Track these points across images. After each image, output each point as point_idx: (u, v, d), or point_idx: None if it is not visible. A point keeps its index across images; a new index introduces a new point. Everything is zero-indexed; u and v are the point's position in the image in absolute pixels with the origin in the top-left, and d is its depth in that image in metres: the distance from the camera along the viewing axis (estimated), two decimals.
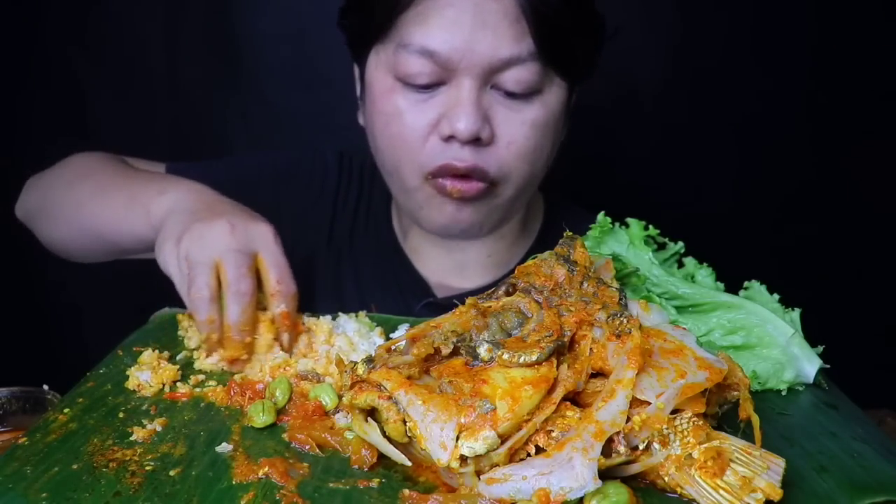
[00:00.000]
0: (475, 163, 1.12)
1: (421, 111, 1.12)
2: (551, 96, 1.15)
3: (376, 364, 0.71)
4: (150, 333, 1.00)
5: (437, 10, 1.08)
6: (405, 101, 1.13)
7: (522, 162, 1.15)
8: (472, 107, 1.09)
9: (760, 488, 0.62)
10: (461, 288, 1.31)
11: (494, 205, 1.19)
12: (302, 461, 0.71)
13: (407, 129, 1.13)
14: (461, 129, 1.08)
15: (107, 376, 0.87)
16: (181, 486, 0.66)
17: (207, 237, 0.92)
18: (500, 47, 1.07)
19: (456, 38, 1.07)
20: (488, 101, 1.11)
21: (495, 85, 1.11)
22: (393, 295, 1.32)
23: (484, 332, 0.72)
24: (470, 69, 1.08)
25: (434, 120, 1.12)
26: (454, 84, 1.10)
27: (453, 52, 1.07)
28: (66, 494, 0.64)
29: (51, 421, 0.76)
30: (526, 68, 1.09)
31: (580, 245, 0.83)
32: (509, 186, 1.17)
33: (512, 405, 0.65)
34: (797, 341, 0.89)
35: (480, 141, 1.11)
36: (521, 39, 1.08)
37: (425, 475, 0.68)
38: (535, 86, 1.11)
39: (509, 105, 1.12)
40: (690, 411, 0.68)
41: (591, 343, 0.71)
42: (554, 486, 0.62)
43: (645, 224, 0.98)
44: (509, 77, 1.09)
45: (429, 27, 1.08)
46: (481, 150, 1.12)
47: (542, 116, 1.14)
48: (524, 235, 1.35)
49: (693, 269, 0.98)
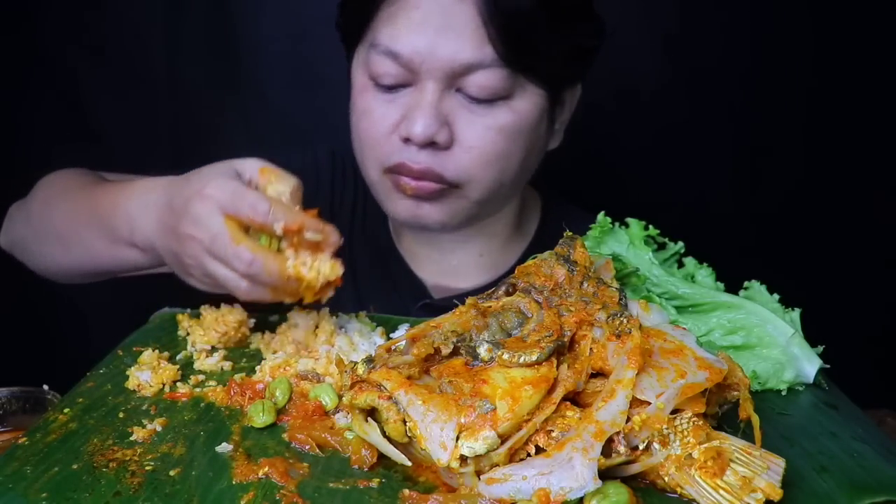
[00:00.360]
0: (429, 165, 1.12)
1: (386, 110, 1.13)
2: (523, 102, 1.13)
3: (376, 364, 0.71)
4: (150, 333, 1.00)
5: (404, 11, 1.08)
6: (374, 100, 1.14)
7: (485, 167, 1.14)
8: (429, 110, 1.09)
9: (760, 488, 0.62)
10: (457, 288, 1.31)
11: (459, 206, 1.18)
12: (302, 461, 0.70)
13: (372, 127, 1.15)
14: (416, 132, 1.09)
15: (107, 376, 0.87)
16: (181, 486, 0.66)
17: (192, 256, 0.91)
18: (461, 51, 1.07)
19: (419, 41, 1.07)
20: (451, 104, 1.11)
21: (460, 88, 1.10)
22: (390, 296, 1.32)
23: (484, 332, 0.72)
24: (432, 72, 1.08)
25: (397, 120, 1.12)
26: (418, 86, 1.10)
27: (415, 54, 1.07)
28: (66, 494, 0.64)
29: (51, 421, 0.76)
30: (489, 74, 1.08)
31: (580, 245, 0.83)
32: (474, 189, 1.16)
33: (512, 405, 0.65)
34: (797, 341, 0.89)
35: (437, 144, 1.11)
36: (484, 45, 1.06)
37: (425, 475, 0.68)
38: (500, 92, 1.10)
39: (473, 109, 1.11)
40: (690, 411, 0.68)
41: (591, 343, 0.71)
42: (554, 486, 0.62)
43: (645, 224, 0.98)
44: (472, 82, 1.09)
45: (395, 28, 1.09)
46: (438, 153, 1.12)
47: (509, 122, 1.12)
48: (519, 235, 1.35)
49: (693, 269, 0.98)
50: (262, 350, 0.94)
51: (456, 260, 1.32)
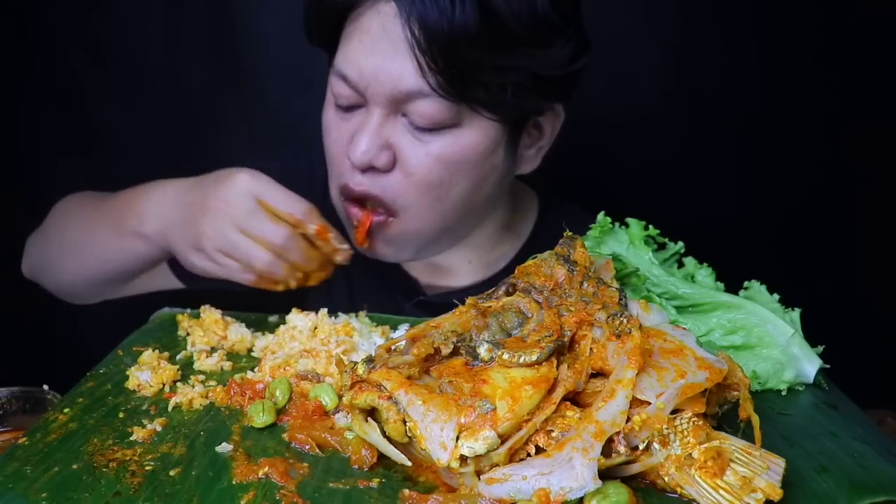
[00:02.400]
0: (368, 189, 1.12)
1: (341, 129, 1.15)
2: (470, 132, 1.10)
3: (376, 364, 0.71)
4: (150, 333, 1.00)
5: (357, 34, 1.08)
6: (333, 118, 1.16)
7: (424, 195, 1.12)
8: (370, 135, 1.09)
9: (760, 488, 0.62)
10: (450, 287, 1.32)
11: (405, 239, 1.18)
12: (302, 461, 0.71)
13: (332, 144, 1.17)
14: (356, 155, 1.09)
15: (107, 376, 0.87)
16: (181, 486, 0.66)
17: (216, 227, 1.00)
18: (403, 79, 1.05)
19: (366, 65, 1.07)
20: (395, 128, 1.10)
21: (406, 113, 1.09)
22: (383, 294, 1.33)
23: (484, 332, 0.72)
24: (376, 97, 1.08)
25: (348, 139, 1.13)
26: (368, 108, 1.10)
27: (360, 78, 1.08)
28: (66, 494, 0.64)
29: (51, 421, 0.76)
30: (430, 103, 1.06)
31: (580, 245, 0.83)
32: (413, 218, 1.15)
33: (512, 405, 0.65)
34: (797, 341, 0.89)
35: (376, 168, 1.11)
36: (424, 74, 1.04)
37: (425, 475, 0.68)
38: (443, 121, 1.08)
39: (416, 135, 1.10)
40: (690, 411, 0.68)
41: (591, 343, 0.71)
42: (554, 486, 0.62)
43: (645, 224, 0.98)
44: (414, 109, 1.07)
45: (347, 52, 1.10)
46: (378, 176, 1.11)
47: (453, 152, 1.10)
48: (512, 235, 1.34)
49: (693, 269, 0.98)
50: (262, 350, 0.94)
51: (445, 263, 1.32)
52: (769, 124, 1.90)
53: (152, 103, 1.93)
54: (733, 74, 1.87)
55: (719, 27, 1.85)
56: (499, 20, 1.02)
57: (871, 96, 1.85)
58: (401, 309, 1.25)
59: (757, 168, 1.93)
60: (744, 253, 1.59)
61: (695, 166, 1.90)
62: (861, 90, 1.85)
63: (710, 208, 1.90)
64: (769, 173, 1.93)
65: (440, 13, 1.01)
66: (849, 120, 1.87)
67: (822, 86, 1.86)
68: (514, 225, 1.34)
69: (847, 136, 1.88)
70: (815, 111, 1.88)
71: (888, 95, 1.85)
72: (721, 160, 1.92)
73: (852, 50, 1.84)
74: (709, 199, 1.92)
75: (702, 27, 1.85)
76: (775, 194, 1.93)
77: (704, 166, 1.91)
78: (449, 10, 1.00)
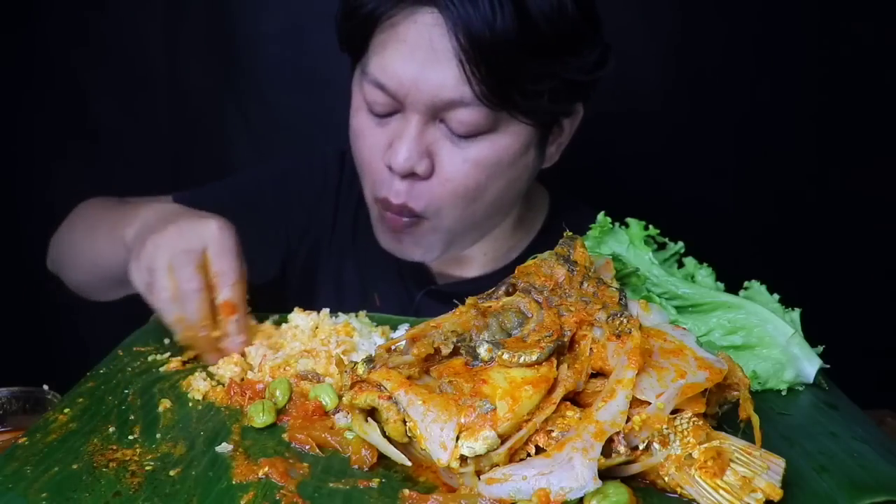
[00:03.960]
0: (405, 201, 1.14)
1: (376, 135, 1.15)
2: (506, 137, 1.13)
3: (376, 364, 0.71)
4: (150, 333, 1.00)
5: (393, 42, 1.09)
6: (367, 123, 1.16)
7: (458, 199, 1.15)
8: (411, 143, 1.10)
9: (760, 488, 0.62)
10: (462, 276, 1.33)
11: (435, 238, 1.20)
12: (302, 461, 0.71)
13: (366, 149, 1.17)
14: (397, 162, 1.10)
15: (107, 376, 0.87)
16: (181, 486, 0.66)
17: (160, 244, 0.93)
18: (443, 88, 1.06)
19: (405, 74, 1.07)
20: (434, 135, 1.12)
21: (444, 120, 1.11)
22: (395, 283, 1.34)
23: (484, 332, 0.72)
24: (416, 105, 1.09)
25: (385, 145, 1.14)
26: (405, 115, 1.11)
27: (400, 87, 1.08)
28: (66, 494, 0.64)
29: (51, 421, 0.76)
30: (470, 111, 1.08)
31: (580, 245, 0.83)
32: (442, 219, 1.17)
33: (512, 405, 0.65)
34: (797, 341, 0.89)
35: (416, 175, 1.12)
36: (464, 83, 1.06)
37: (425, 475, 0.68)
38: (480, 128, 1.10)
39: (455, 141, 1.12)
40: (690, 411, 0.68)
41: (591, 343, 0.71)
42: (554, 486, 0.62)
43: (645, 224, 0.98)
44: (453, 117, 1.09)
45: (383, 60, 1.10)
46: (416, 183, 1.13)
47: (489, 156, 1.13)
48: (525, 229, 1.37)
49: (693, 269, 0.98)
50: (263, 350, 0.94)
51: (460, 257, 1.33)
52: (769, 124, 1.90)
53: (152, 103, 1.93)
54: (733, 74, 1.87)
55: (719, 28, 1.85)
56: (535, 27, 1.05)
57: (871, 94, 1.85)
58: (412, 299, 1.27)
59: (757, 168, 1.93)
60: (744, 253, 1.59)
61: (695, 166, 1.90)
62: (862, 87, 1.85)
63: (711, 208, 1.90)
64: (769, 173, 1.93)
65: (483, 22, 1.02)
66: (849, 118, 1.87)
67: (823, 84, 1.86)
68: (526, 219, 1.37)
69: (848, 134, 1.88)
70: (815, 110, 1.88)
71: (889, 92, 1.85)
72: (721, 160, 1.93)
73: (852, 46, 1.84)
74: (709, 199, 1.92)
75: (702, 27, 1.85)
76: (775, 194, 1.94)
77: (704, 166, 1.91)
78: (491, 18, 1.02)
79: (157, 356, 0.92)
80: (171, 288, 0.90)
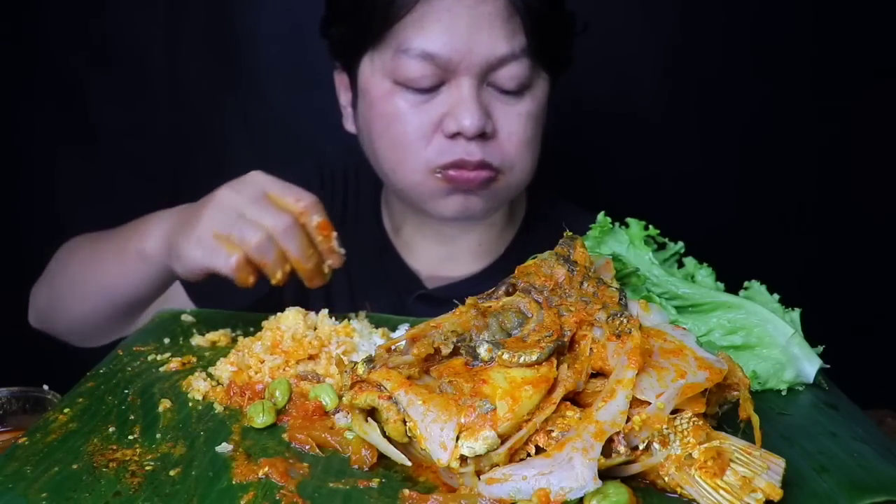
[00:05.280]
0: (483, 157, 1.17)
1: (423, 111, 1.17)
2: (539, 90, 1.22)
3: (376, 364, 0.71)
4: (150, 333, 1.00)
5: (433, 14, 1.13)
6: (405, 103, 1.17)
7: (523, 151, 1.22)
8: (475, 104, 1.14)
9: (760, 488, 0.62)
10: (452, 277, 1.34)
11: (501, 193, 1.25)
12: (302, 461, 0.70)
13: (410, 129, 1.18)
14: (467, 125, 1.14)
15: (107, 376, 0.87)
16: (181, 486, 0.66)
17: (219, 211, 0.98)
18: (496, 46, 1.14)
19: (454, 41, 1.12)
20: (488, 97, 1.17)
21: (490, 82, 1.17)
22: (385, 290, 1.34)
23: (484, 332, 0.72)
24: (469, 69, 1.14)
25: (436, 119, 1.16)
26: (454, 84, 1.15)
27: (454, 53, 1.13)
28: (66, 494, 0.64)
29: (51, 421, 0.76)
30: (519, 65, 1.16)
31: (580, 245, 0.83)
32: (514, 174, 1.23)
33: (512, 405, 0.65)
34: (797, 341, 0.88)
35: (485, 135, 1.16)
36: (513, 37, 1.14)
37: (425, 475, 0.68)
38: (526, 81, 1.18)
39: (504, 100, 1.18)
40: (690, 411, 0.67)
41: (591, 343, 0.71)
42: (554, 486, 0.62)
43: (645, 224, 0.98)
44: (504, 74, 1.16)
45: (427, 32, 1.13)
46: (487, 143, 1.18)
47: (533, 109, 1.21)
48: (511, 223, 1.39)
49: (693, 269, 0.98)
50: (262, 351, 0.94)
51: (456, 248, 1.35)
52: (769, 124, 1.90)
53: (152, 103, 1.93)
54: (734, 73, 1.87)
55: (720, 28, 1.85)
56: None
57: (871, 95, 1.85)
58: (403, 304, 1.28)
59: (757, 168, 1.93)
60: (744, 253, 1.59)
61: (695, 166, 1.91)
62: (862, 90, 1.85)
63: (710, 208, 1.90)
64: (769, 173, 1.93)
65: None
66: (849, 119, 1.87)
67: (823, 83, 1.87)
68: (514, 211, 1.40)
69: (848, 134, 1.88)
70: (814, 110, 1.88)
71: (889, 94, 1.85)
72: (721, 160, 1.93)
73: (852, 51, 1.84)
74: (709, 199, 1.92)
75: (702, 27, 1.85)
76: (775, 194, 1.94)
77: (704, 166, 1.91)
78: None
79: (157, 356, 0.92)
80: (261, 234, 0.95)
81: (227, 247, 0.96)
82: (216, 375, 0.87)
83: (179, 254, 1.01)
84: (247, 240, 0.95)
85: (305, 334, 0.89)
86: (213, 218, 0.98)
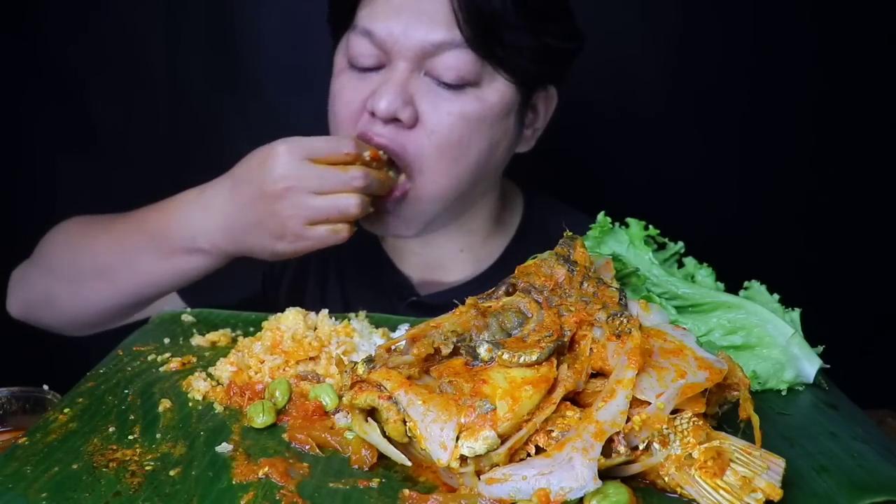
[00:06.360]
0: (389, 142, 1.14)
1: (356, 89, 1.17)
2: (490, 92, 1.15)
3: (376, 364, 0.71)
4: (150, 333, 1.00)
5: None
6: (348, 81, 1.18)
7: (444, 154, 1.15)
8: (396, 87, 1.12)
9: (760, 488, 0.62)
10: (443, 283, 1.33)
11: (416, 210, 1.20)
12: (302, 461, 0.70)
13: (344, 106, 1.18)
14: (380, 106, 1.12)
15: (107, 376, 0.87)
16: (181, 486, 0.66)
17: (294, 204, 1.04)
18: (432, 32, 1.11)
19: (393, 22, 1.12)
20: (419, 86, 1.14)
21: (429, 72, 1.13)
22: (377, 296, 1.34)
23: (484, 332, 0.72)
24: (403, 52, 1.12)
25: (366, 97, 1.15)
26: (391, 65, 1.14)
27: (389, 35, 1.12)
28: (66, 494, 0.64)
29: (51, 421, 0.76)
30: (457, 55, 1.11)
31: (580, 245, 0.83)
32: (425, 184, 1.17)
33: (512, 405, 0.65)
34: (797, 341, 0.88)
35: (400, 122, 1.13)
36: (454, 27, 1.11)
37: (425, 475, 0.68)
38: (468, 76, 1.13)
39: (440, 94, 1.14)
40: (690, 411, 0.68)
41: (591, 343, 0.71)
42: (554, 486, 0.62)
43: (645, 224, 0.98)
44: (441, 63, 1.12)
45: (373, 10, 1.14)
46: (402, 131, 1.14)
47: (473, 110, 1.14)
48: (501, 229, 1.36)
49: (693, 269, 0.98)
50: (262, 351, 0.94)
51: (438, 253, 1.33)
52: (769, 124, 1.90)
53: (152, 103, 1.93)
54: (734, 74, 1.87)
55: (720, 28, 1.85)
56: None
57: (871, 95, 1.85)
58: (395, 310, 1.25)
59: (757, 168, 1.93)
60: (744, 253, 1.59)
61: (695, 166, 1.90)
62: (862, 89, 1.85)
63: (710, 208, 1.90)
64: (769, 173, 1.93)
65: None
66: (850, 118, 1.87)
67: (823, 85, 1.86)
68: (503, 218, 1.37)
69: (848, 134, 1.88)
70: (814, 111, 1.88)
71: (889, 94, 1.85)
72: (721, 160, 1.93)
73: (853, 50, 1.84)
74: (709, 199, 1.92)
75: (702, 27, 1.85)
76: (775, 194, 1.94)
77: (704, 166, 1.91)
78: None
79: (157, 356, 0.92)
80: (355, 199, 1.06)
81: (327, 229, 1.07)
82: (216, 375, 0.87)
83: (269, 253, 1.09)
84: (350, 211, 1.06)
85: (305, 334, 0.89)
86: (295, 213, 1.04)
